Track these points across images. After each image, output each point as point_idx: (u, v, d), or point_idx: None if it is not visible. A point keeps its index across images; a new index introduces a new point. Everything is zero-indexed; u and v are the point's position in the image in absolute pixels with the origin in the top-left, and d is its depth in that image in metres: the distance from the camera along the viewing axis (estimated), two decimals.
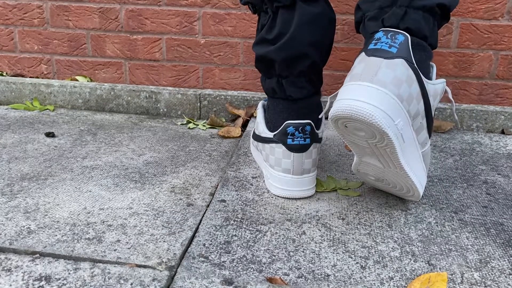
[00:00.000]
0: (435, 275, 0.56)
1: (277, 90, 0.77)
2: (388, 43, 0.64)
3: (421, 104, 0.65)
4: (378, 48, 0.63)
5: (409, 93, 0.62)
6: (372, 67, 0.62)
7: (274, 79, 0.78)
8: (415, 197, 0.72)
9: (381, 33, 0.65)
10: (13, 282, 0.53)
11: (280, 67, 0.75)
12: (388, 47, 0.63)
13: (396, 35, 0.64)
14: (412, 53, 0.63)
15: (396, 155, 0.62)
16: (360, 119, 0.59)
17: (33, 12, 1.32)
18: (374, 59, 0.63)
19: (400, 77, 0.61)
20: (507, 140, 1.10)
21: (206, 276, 0.56)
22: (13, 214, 0.69)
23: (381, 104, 0.59)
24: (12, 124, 1.11)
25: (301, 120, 0.75)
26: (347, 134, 0.66)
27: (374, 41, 0.65)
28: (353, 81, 0.62)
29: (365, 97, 0.60)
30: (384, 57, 0.62)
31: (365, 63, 0.63)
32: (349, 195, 0.78)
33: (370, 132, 0.62)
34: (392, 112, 0.60)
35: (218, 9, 1.24)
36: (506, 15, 1.16)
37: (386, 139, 0.61)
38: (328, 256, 0.61)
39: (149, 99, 1.24)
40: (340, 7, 1.21)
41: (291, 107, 0.77)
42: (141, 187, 0.80)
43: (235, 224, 0.68)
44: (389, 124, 0.60)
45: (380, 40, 0.64)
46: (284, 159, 0.75)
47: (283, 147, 0.75)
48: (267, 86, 0.80)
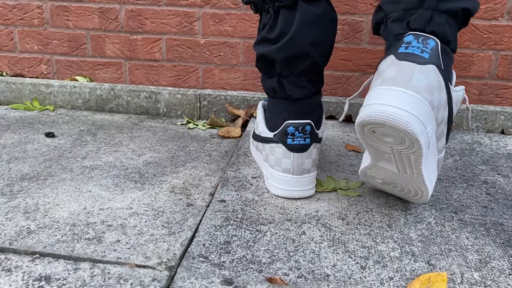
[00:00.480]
0: (435, 275, 0.56)
1: (277, 89, 0.77)
2: (420, 48, 0.62)
3: (446, 112, 0.64)
4: (410, 53, 0.62)
5: (439, 100, 0.61)
6: (405, 72, 0.60)
7: (274, 78, 0.78)
8: (422, 200, 0.71)
9: (412, 37, 0.64)
10: (13, 282, 0.53)
11: (281, 66, 0.75)
12: (420, 52, 0.62)
13: (427, 40, 0.63)
14: (441, 59, 0.63)
15: (420, 162, 0.61)
16: (394, 125, 0.58)
17: (33, 12, 1.32)
18: (407, 64, 0.61)
19: (432, 84, 0.60)
20: (507, 140, 1.10)
21: (206, 276, 0.56)
22: (13, 214, 0.69)
23: (416, 111, 0.58)
24: (12, 124, 1.11)
25: (301, 120, 0.75)
26: (371, 139, 0.64)
27: (405, 45, 0.63)
28: (385, 86, 0.60)
29: (400, 103, 0.58)
30: (417, 62, 0.61)
31: (397, 67, 0.61)
32: (349, 195, 0.78)
33: (399, 138, 0.60)
34: (425, 119, 0.59)
35: (218, 9, 1.24)
36: (506, 15, 1.16)
37: (415, 146, 0.59)
38: (328, 256, 0.61)
39: (149, 99, 1.24)
40: (340, 7, 1.21)
41: (292, 107, 0.77)
42: (141, 187, 0.80)
43: (235, 224, 0.68)
44: (422, 131, 0.58)
45: (411, 44, 0.63)
46: (284, 159, 0.75)
47: (283, 147, 0.75)
48: (267, 86, 0.80)
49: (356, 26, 1.22)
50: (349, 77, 1.26)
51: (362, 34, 1.22)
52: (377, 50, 1.22)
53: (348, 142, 1.04)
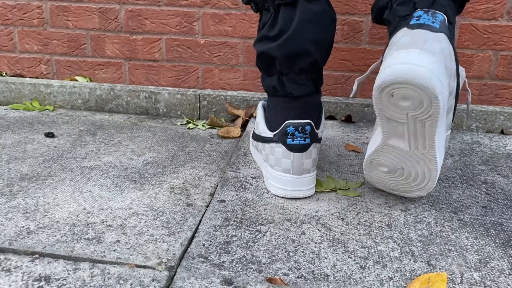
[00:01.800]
0: (435, 275, 0.56)
1: (277, 87, 0.78)
2: (430, 20, 0.64)
3: (454, 84, 0.65)
4: (422, 23, 0.64)
5: (450, 67, 0.62)
6: (420, 38, 0.62)
7: (274, 76, 0.78)
8: (426, 189, 0.71)
9: (421, 12, 0.66)
10: (13, 282, 0.53)
11: (281, 64, 0.75)
12: (431, 23, 0.64)
13: (436, 14, 0.65)
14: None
15: (434, 129, 0.61)
16: (416, 82, 0.57)
17: (33, 12, 1.32)
18: (420, 31, 0.63)
19: (445, 51, 0.62)
20: (507, 140, 1.10)
21: (205, 276, 0.56)
22: (12, 215, 0.69)
23: (435, 69, 0.58)
24: (11, 125, 1.11)
25: (301, 120, 0.75)
26: (387, 106, 0.64)
27: (416, 18, 0.65)
28: (401, 50, 0.61)
29: (420, 61, 0.58)
30: (430, 30, 0.62)
31: (411, 35, 0.63)
32: (348, 195, 0.78)
33: (418, 100, 0.60)
34: (443, 79, 0.59)
35: (218, 9, 1.24)
36: (506, 15, 1.16)
37: (433, 108, 0.59)
38: (327, 256, 0.61)
39: (149, 99, 1.24)
40: (340, 7, 1.21)
41: (292, 105, 0.77)
42: (140, 188, 0.80)
43: (234, 224, 0.68)
44: (441, 90, 0.58)
45: (422, 17, 0.65)
46: (284, 159, 0.75)
47: (283, 147, 0.75)
48: (267, 84, 0.80)
49: (355, 26, 1.22)
50: (348, 77, 1.26)
51: (362, 34, 1.22)
52: (377, 50, 1.22)
53: (348, 142, 1.04)
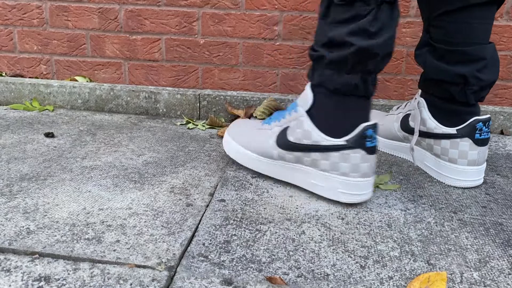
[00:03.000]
0: (435, 274, 0.56)
1: (360, 86, 0.72)
2: (488, 132, 0.83)
3: None
4: (484, 138, 0.83)
5: None
6: (483, 156, 0.84)
7: (357, 75, 0.72)
8: None
9: (481, 124, 0.82)
10: (13, 282, 0.53)
11: (377, 62, 0.71)
12: (488, 135, 0.83)
13: (489, 123, 0.83)
14: None
15: None
16: None
17: (33, 12, 1.32)
18: (484, 148, 0.83)
19: None
20: (506, 141, 1.10)
21: (205, 276, 0.56)
22: (12, 215, 0.69)
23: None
24: (11, 125, 1.11)
25: (372, 121, 0.73)
26: None
27: (478, 132, 0.82)
28: (473, 166, 0.83)
29: (480, 178, 0.85)
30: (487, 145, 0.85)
31: (477, 151, 0.82)
32: (390, 189, 0.80)
33: None
34: None
35: (218, 9, 1.24)
36: (505, 15, 1.16)
37: None
38: (327, 256, 0.61)
39: (149, 99, 1.24)
40: None
41: (366, 106, 0.74)
42: (140, 187, 0.80)
43: (234, 224, 0.68)
44: None
45: (483, 131, 0.82)
46: (362, 163, 0.72)
47: (362, 152, 0.72)
48: (344, 82, 0.72)
49: None
50: None
51: None
52: None
53: None
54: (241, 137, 0.86)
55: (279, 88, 1.29)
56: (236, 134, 0.87)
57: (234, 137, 0.87)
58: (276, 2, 1.22)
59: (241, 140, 0.86)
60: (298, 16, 1.22)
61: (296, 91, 1.28)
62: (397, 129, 0.94)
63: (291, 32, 1.24)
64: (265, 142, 0.81)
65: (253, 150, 0.83)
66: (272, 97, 1.22)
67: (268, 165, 0.82)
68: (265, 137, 0.81)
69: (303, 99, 0.76)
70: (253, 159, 0.83)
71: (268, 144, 0.80)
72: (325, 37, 0.72)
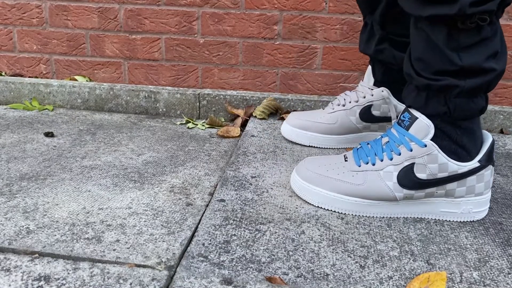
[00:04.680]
0: (434, 274, 0.56)
1: (485, 106, 0.71)
2: None
3: None
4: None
5: None
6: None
7: (483, 96, 0.70)
8: None
9: None
10: (12, 282, 0.53)
11: (498, 81, 0.70)
12: None
13: None
14: None
15: None
16: None
17: (32, 12, 1.32)
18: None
19: None
20: (506, 140, 1.10)
21: (205, 275, 0.56)
22: (12, 214, 0.69)
23: None
24: (11, 124, 1.11)
25: (487, 134, 0.73)
26: None
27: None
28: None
29: None
30: None
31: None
32: None
33: None
34: None
35: (217, 9, 1.24)
36: (505, 15, 1.16)
37: None
38: (327, 256, 0.61)
39: (148, 99, 1.24)
40: (339, 7, 1.21)
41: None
42: (140, 187, 0.80)
43: (234, 224, 0.68)
44: None
45: None
46: (491, 178, 0.73)
47: (491, 167, 0.72)
48: (475, 108, 0.70)
49: (355, 26, 1.22)
50: (348, 77, 1.26)
51: None
52: None
53: None
54: (326, 182, 0.74)
55: (279, 87, 1.29)
56: (316, 179, 0.75)
57: (315, 182, 0.75)
58: (275, 1, 1.22)
59: (327, 185, 0.74)
60: (298, 16, 1.22)
61: (296, 90, 1.29)
62: (355, 121, 0.99)
63: (291, 31, 1.24)
64: (377, 185, 0.71)
65: (355, 194, 0.72)
66: (272, 96, 1.21)
67: (381, 208, 0.72)
68: (375, 179, 0.72)
69: (417, 129, 0.70)
70: (355, 203, 0.73)
71: (384, 186, 0.71)
72: (452, 65, 0.67)
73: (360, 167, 0.73)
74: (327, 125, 0.99)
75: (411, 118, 0.71)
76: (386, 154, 0.72)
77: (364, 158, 0.74)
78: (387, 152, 0.72)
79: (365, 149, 0.75)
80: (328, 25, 1.22)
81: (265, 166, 0.88)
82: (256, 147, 0.98)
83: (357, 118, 0.99)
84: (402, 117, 0.72)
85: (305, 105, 1.20)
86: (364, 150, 0.75)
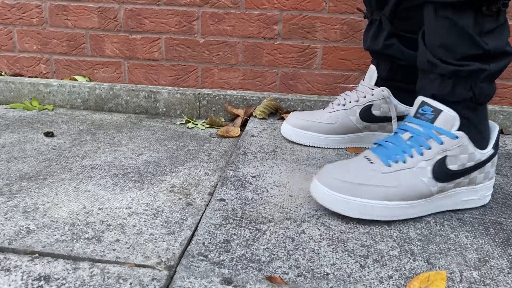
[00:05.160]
0: (434, 274, 0.56)
1: None
2: None
3: None
4: None
5: None
6: None
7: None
8: None
9: None
10: (12, 282, 0.53)
11: None
12: None
13: None
14: None
15: None
16: None
17: (32, 11, 1.32)
18: None
19: None
20: (506, 140, 1.10)
21: (205, 275, 0.56)
22: (12, 214, 0.68)
23: None
24: (11, 124, 1.11)
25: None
26: None
27: None
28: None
29: None
30: None
31: None
32: None
33: None
34: None
35: (217, 8, 1.24)
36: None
37: None
38: (327, 255, 0.61)
39: (148, 99, 1.24)
40: (339, 7, 1.21)
41: None
42: (140, 187, 0.80)
43: (234, 223, 0.68)
44: None
45: None
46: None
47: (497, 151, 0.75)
48: (493, 91, 0.72)
49: (355, 26, 1.22)
50: (348, 76, 1.26)
51: (361, 34, 1.22)
52: None
53: None
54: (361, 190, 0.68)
55: (279, 87, 1.29)
56: (349, 188, 0.69)
57: (350, 192, 0.69)
58: (275, 1, 1.22)
59: (364, 193, 0.68)
60: (298, 15, 1.22)
61: (296, 90, 1.29)
62: (355, 121, 0.99)
63: (291, 31, 1.24)
64: (414, 183, 0.69)
65: (394, 198, 0.69)
66: (271, 96, 1.22)
67: (418, 207, 0.70)
68: (410, 177, 0.69)
69: (444, 121, 0.69)
70: (397, 207, 0.69)
71: (420, 183, 0.69)
72: (479, 50, 0.68)
73: (391, 167, 0.70)
74: (328, 125, 0.99)
75: (434, 110, 0.69)
76: (415, 150, 0.69)
77: (392, 157, 0.70)
78: (416, 148, 0.69)
79: (389, 148, 0.71)
80: (328, 25, 1.22)
81: (265, 166, 0.88)
82: (256, 147, 0.98)
83: (357, 118, 0.99)
84: (422, 111, 0.71)
85: (305, 105, 1.20)
86: (388, 149, 0.71)
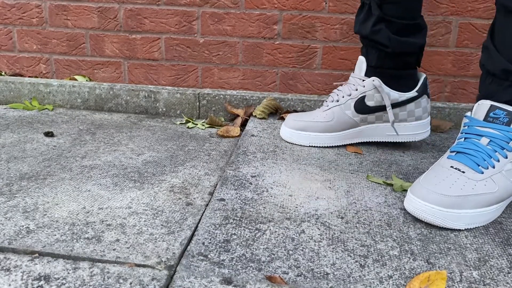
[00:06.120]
0: (434, 273, 0.56)
1: None
2: None
3: None
4: None
5: None
6: None
7: None
8: None
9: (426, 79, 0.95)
10: (12, 281, 0.53)
11: None
12: None
13: None
14: None
15: None
16: None
17: (32, 11, 1.32)
18: None
19: None
20: None
21: (205, 275, 0.56)
22: (12, 214, 0.69)
23: None
24: (11, 124, 1.11)
25: None
26: None
27: None
28: None
29: None
30: None
31: None
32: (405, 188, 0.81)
33: None
34: None
35: (217, 8, 1.24)
36: None
37: None
38: (327, 255, 0.61)
39: (148, 99, 1.24)
40: (339, 7, 1.21)
41: None
42: (140, 187, 0.80)
43: (234, 223, 0.68)
44: None
45: None
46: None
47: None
48: None
49: None
50: (348, 76, 1.26)
51: None
52: None
53: None
54: (465, 201, 0.70)
55: (279, 87, 1.29)
56: (454, 201, 0.69)
57: (455, 205, 0.69)
58: (275, 1, 1.22)
59: (469, 203, 0.70)
60: (298, 15, 1.22)
61: (296, 90, 1.29)
62: (351, 115, 0.99)
63: (291, 31, 1.24)
64: (506, 185, 0.73)
65: (494, 202, 0.72)
66: (271, 96, 1.22)
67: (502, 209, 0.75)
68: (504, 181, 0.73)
69: None
70: (495, 210, 0.73)
71: (511, 184, 0.73)
72: None
73: (484, 174, 0.71)
74: (325, 123, 0.99)
75: (508, 114, 0.73)
76: (500, 154, 0.72)
77: (482, 163, 0.72)
78: (499, 152, 0.72)
79: (473, 155, 0.73)
80: (328, 25, 1.22)
81: (265, 166, 0.88)
82: (256, 147, 0.98)
83: (352, 112, 0.98)
84: (494, 114, 0.74)
85: (305, 104, 1.20)
86: (474, 156, 0.73)
